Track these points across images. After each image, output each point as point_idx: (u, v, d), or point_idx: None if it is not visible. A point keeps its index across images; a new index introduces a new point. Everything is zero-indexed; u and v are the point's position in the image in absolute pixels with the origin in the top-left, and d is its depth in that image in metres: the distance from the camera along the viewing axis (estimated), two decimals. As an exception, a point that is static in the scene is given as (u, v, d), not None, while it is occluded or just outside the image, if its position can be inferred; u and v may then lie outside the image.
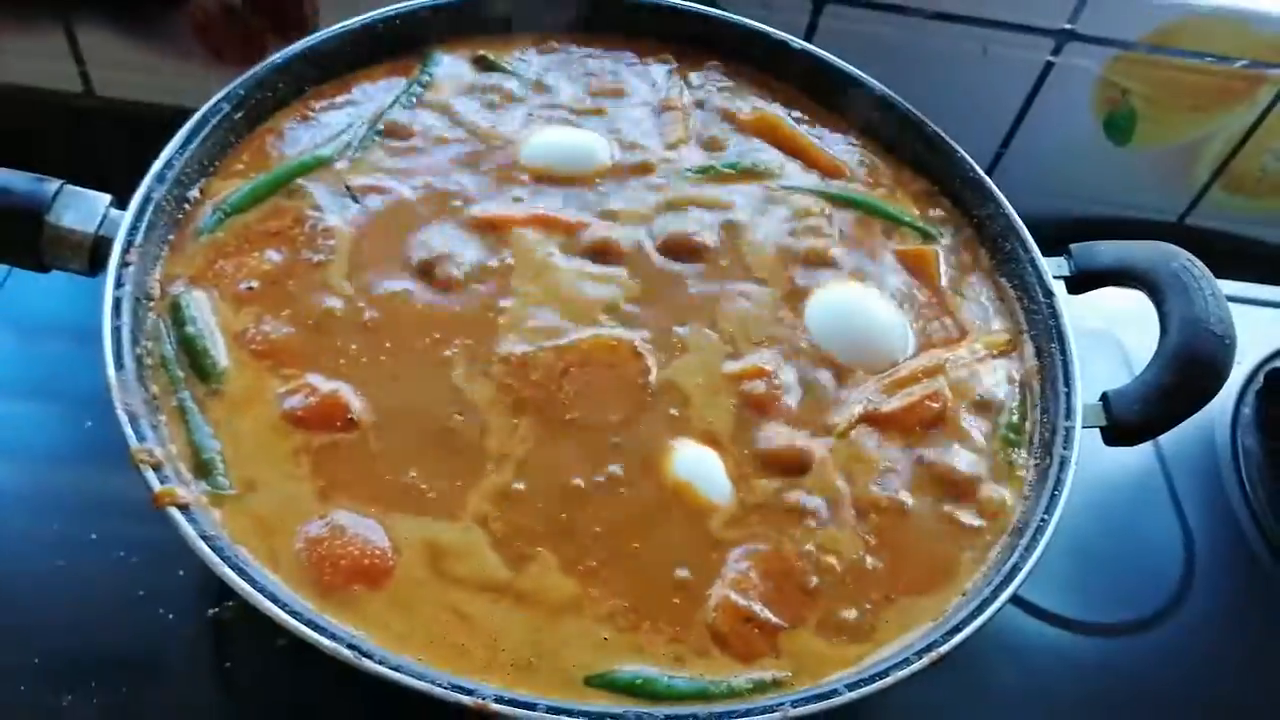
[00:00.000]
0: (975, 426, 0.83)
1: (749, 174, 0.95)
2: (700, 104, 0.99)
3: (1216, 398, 0.84)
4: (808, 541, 0.74)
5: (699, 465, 0.75)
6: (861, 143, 1.00)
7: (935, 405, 0.82)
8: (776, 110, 1.00)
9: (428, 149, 0.90)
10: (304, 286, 0.79)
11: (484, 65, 0.97)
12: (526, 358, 0.77)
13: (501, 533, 0.70)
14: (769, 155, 0.97)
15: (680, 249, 0.87)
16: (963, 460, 0.80)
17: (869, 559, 0.74)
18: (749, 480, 0.76)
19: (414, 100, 0.93)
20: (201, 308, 0.76)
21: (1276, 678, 0.97)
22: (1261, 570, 1.03)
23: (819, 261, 0.89)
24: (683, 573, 0.71)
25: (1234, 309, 0.85)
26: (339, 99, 0.92)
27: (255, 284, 0.78)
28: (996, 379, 0.86)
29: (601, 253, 0.85)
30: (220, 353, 0.74)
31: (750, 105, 1.00)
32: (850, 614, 0.71)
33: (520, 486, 0.72)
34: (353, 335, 0.77)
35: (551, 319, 0.80)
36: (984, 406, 0.84)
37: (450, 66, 0.97)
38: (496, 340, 0.78)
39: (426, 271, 0.81)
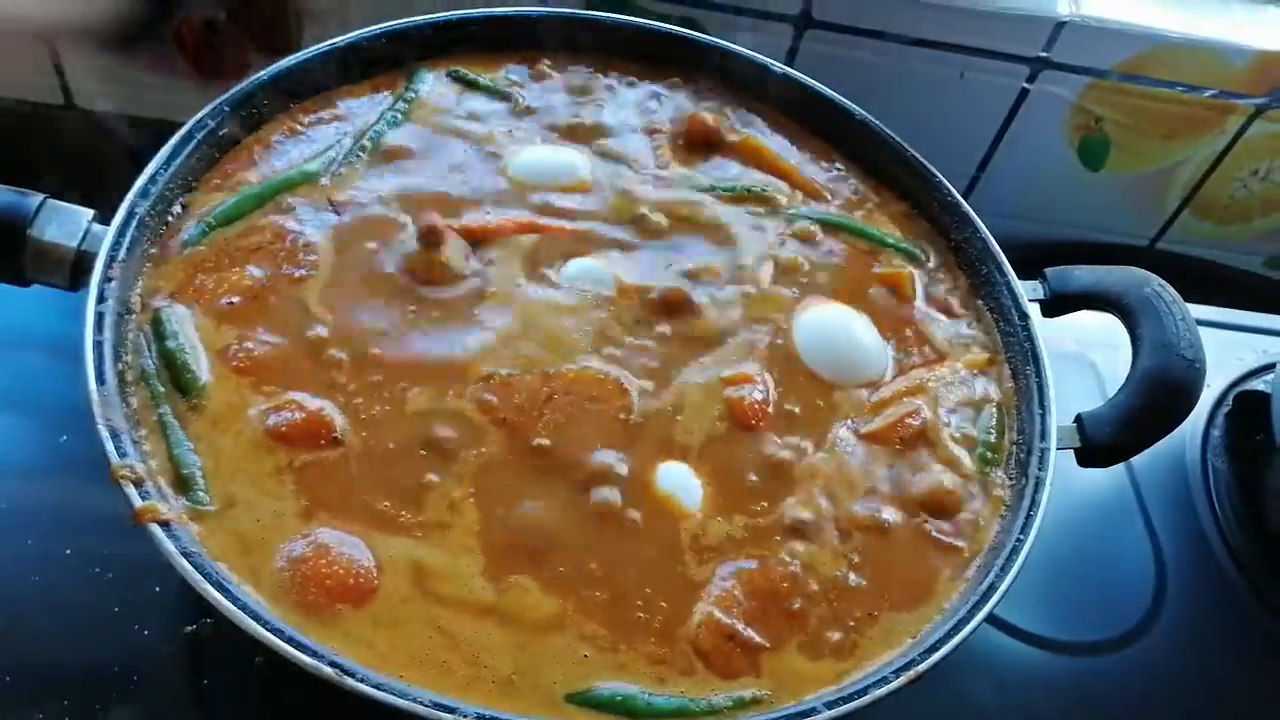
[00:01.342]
0: (954, 446, 0.84)
1: (739, 196, 0.95)
2: (684, 126, 1.00)
3: (1187, 420, 0.86)
4: (792, 560, 0.74)
5: (682, 481, 0.76)
6: (846, 165, 1.02)
7: (915, 424, 0.83)
8: (759, 135, 1.01)
9: (413, 165, 0.90)
10: (286, 302, 0.79)
11: (465, 83, 0.98)
12: (511, 381, 0.78)
13: (485, 551, 0.70)
14: (758, 178, 0.98)
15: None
16: (942, 479, 0.81)
17: (852, 576, 0.75)
18: (733, 500, 0.76)
19: (399, 117, 0.93)
20: (183, 323, 0.76)
21: (1246, 694, 0.99)
22: (1231, 589, 1.04)
23: (805, 283, 0.90)
24: (665, 591, 0.71)
25: (1203, 332, 0.87)
26: (324, 114, 0.92)
27: (237, 299, 0.78)
28: (975, 399, 0.87)
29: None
30: (202, 368, 0.74)
31: (736, 129, 1.01)
32: (833, 632, 0.72)
33: (503, 505, 0.72)
34: (335, 351, 0.77)
35: (538, 337, 0.80)
36: (963, 427, 0.85)
37: (434, 84, 0.97)
38: (480, 361, 0.78)
39: (411, 287, 0.81)
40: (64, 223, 0.75)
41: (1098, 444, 0.85)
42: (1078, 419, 0.86)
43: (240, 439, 0.71)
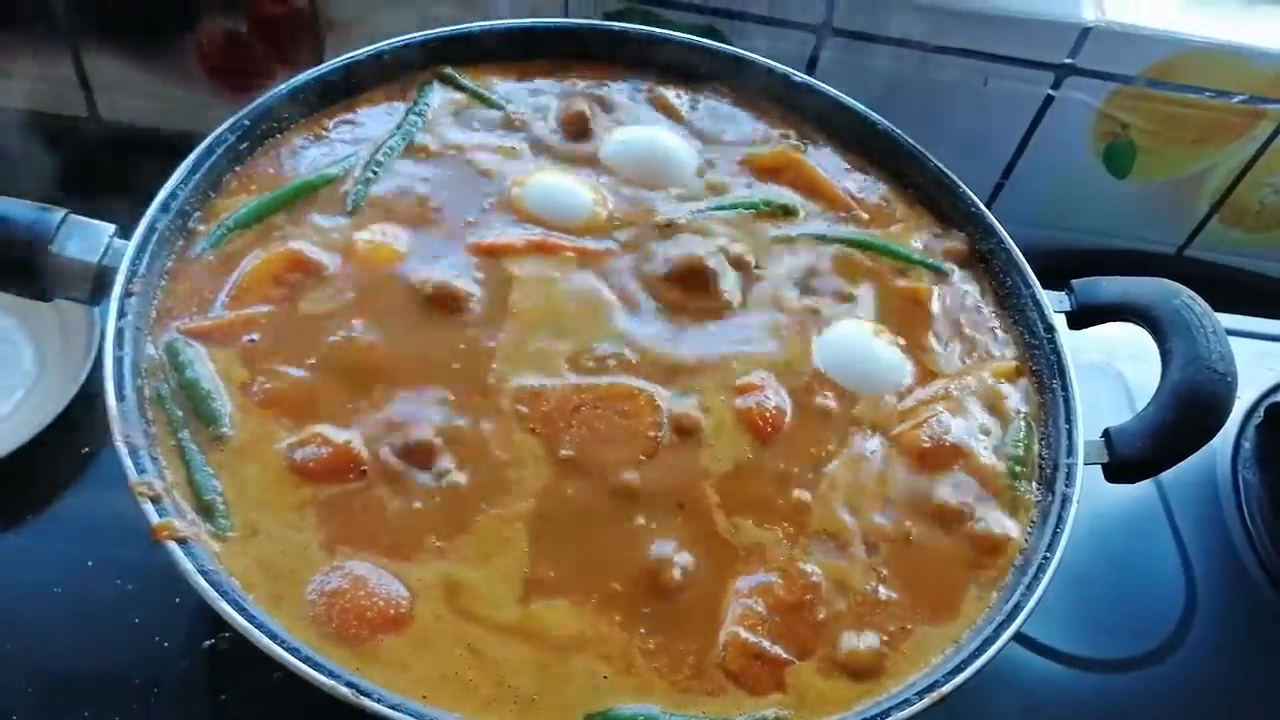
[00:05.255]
0: (980, 458, 0.82)
1: (761, 214, 0.94)
2: (705, 137, 0.99)
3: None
4: (816, 574, 0.73)
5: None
6: (870, 175, 1.00)
7: (940, 434, 0.82)
8: (791, 148, 1.00)
9: (428, 178, 0.89)
10: (305, 332, 0.77)
11: (475, 97, 0.96)
12: (541, 391, 0.77)
13: (515, 572, 0.69)
14: (786, 194, 0.96)
15: (690, 282, 0.86)
16: (967, 492, 0.80)
17: (882, 590, 0.74)
18: (756, 514, 0.75)
19: (414, 130, 0.92)
20: (202, 360, 0.74)
21: (1278, 711, 0.97)
22: (1263, 604, 1.02)
23: (828, 299, 0.89)
24: (691, 607, 0.70)
25: (1233, 342, 0.85)
26: (346, 120, 0.92)
27: (257, 336, 0.76)
28: (1004, 410, 0.86)
29: (609, 285, 0.85)
30: (223, 399, 0.73)
31: (763, 140, 1.00)
32: (859, 646, 0.71)
33: (531, 525, 0.71)
34: (359, 379, 0.75)
35: (557, 346, 0.80)
36: (988, 438, 0.84)
37: (447, 96, 0.96)
38: (506, 375, 0.77)
39: (435, 306, 0.80)
40: (86, 238, 0.76)
41: (1126, 459, 0.83)
42: (1105, 433, 0.84)
43: (267, 471, 0.70)
